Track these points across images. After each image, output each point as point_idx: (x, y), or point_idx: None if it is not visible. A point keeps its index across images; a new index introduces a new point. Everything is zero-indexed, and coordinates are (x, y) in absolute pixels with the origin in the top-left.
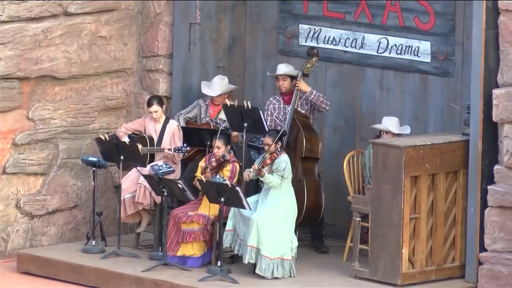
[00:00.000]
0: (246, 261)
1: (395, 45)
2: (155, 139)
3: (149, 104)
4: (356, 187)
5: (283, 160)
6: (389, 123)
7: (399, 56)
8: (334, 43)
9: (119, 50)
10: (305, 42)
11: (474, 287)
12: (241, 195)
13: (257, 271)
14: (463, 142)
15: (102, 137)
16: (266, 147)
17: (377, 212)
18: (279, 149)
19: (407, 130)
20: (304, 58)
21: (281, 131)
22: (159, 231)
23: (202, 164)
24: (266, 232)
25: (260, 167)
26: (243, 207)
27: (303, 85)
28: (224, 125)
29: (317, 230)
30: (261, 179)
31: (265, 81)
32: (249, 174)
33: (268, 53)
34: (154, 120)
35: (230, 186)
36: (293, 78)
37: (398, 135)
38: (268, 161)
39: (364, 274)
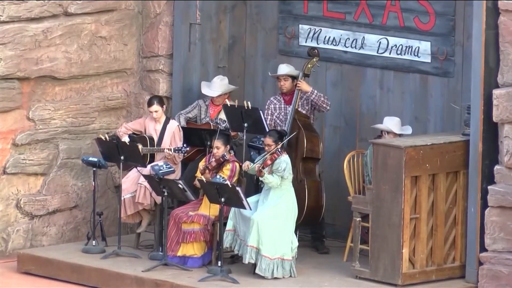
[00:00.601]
0: (246, 261)
1: (395, 45)
2: (155, 139)
3: (150, 103)
4: (356, 187)
5: (283, 161)
6: (391, 123)
7: (399, 56)
8: (334, 44)
9: (119, 51)
10: (305, 42)
11: (474, 287)
12: (242, 195)
13: (257, 271)
14: (463, 142)
15: (102, 137)
16: (266, 148)
17: (377, 212)
18: (279, 150)
19: (408, 130)
20: (304, 59)
21: (288, 135)
22: (159, 231)
23: (201, 165)
24: (266, 232)
25: (260, 168)
26: (244, 207)
27: (304, 85)
28: (224, 125)
29: (318, 230)
30: (261, 179)
31: (265, 81)
32: (248, 165)
33: (268, 53)
34: (154, 120)
35: (230, 186)
36: (294, 78)
37: (400, 135)
38: (269, 162)
39: (364, 274)
